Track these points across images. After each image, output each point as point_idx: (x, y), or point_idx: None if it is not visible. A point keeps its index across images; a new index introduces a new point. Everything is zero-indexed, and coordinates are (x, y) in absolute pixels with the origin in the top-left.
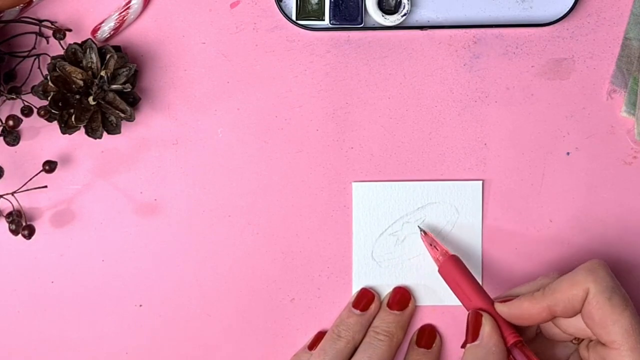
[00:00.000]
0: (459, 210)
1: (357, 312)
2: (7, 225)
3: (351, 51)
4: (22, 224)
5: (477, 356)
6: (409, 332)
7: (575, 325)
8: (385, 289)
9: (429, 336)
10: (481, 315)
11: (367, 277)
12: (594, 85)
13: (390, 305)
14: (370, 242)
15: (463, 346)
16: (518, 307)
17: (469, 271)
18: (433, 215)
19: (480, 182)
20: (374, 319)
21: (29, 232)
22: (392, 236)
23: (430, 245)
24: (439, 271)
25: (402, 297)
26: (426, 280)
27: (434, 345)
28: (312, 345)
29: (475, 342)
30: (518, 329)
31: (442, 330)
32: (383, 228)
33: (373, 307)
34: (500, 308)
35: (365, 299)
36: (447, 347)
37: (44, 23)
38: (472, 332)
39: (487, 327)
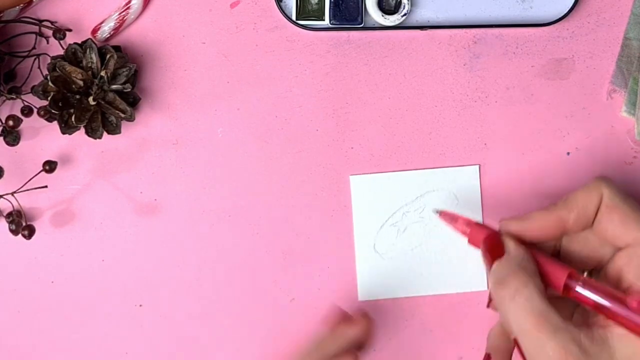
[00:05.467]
0: (458, 197)
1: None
2: (7, 225)
3: (351, 51)
4: (22, 224)
5: (504, 271)
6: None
7: (585, 249)
8: (389, 281)
9: None
10: (499, 234)
11: (371, 270)
12: (594, 85)
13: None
14: (371, 234)
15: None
16: (528, 219)
17: (497, 233)
18: (432, 204)
19: (477, 166)
20: None
21: (29, 232)
22: (393, 227)
23: (452, 221)
24: (468, 242)
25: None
26: (430, 269)
27: None
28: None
29: (502, 259)
30: None
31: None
32: (383, 220)
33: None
34: (510, 223)
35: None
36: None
37: (44, 23)
38: (495, 250)
39: (510, 242)
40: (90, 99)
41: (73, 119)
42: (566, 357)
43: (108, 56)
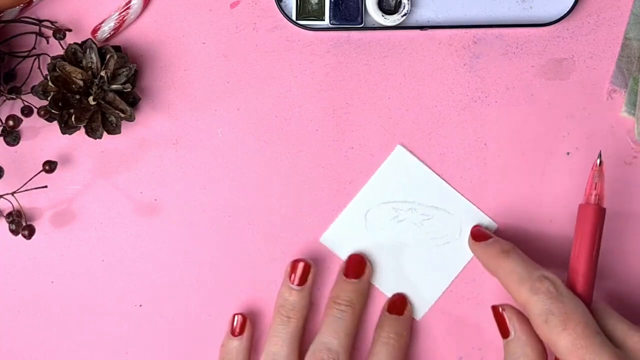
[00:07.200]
0: (462, 234)
1: (296, 287)
2: (7, 225)
3: (351, 51)
4: (22, 224)
5: (514, 350)
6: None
7: None
8: (356, 249)
9: (400, 303)
10: (503, 311)
11: (348, 231)
12: (594, 85)
13: (347, 274)
14: (372, 202)
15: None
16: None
17: (599, 233)
18: (438, 222)
19: (496, 225)
20: (312, 290)
21: (29, 232)
22: (394, 210)
23: (594, 179)
24: (579, 207)
25: (357, 265)
26: (395, 266)
27: (405, 311)
28: (237, 331)
29: (509, 337)
30: None
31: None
32: (391, 199)
33: (311, 277)
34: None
35: (302, 272)
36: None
37: (44, 23)
38: (502, 328)
39: (515, 322)
40: (90, 99)
41: (73, 119)
42: None
43: (108, 56)
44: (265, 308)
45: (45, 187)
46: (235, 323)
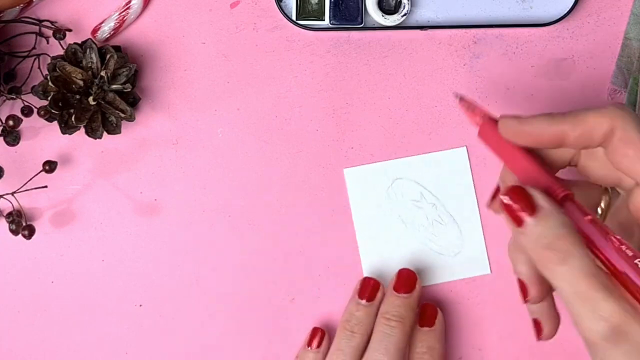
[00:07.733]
0: (455, 257)
1: (364, 302)
2: (7, 225)
3: (351, 51)
4: (22, 224)
5: (547, 232)
6: None
7: (604, 167)
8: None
9: (430, 315)
10: (523, 190)
11: (370, 181)
12: (594, 85)
13: (396, 289)
14: (407, 174)
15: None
16: (531, 123)
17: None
18: (446, 232)
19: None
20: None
21: (29, 232)
22: (420, 194)
23: (468, 109)
24: (478, 135)
25: (407, 279)
26: (391, 242)
27: (436, 322)
28: (311, 342)
29: (537, 216)
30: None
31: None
32: (424, 184)
33: (379, 295)
34: (508, 121)
35: (370, 287)
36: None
37: (44, 23)
38: (528, 206)
39: (541, 199)
40: (90, 99)
41: (73, 119)
42: (624, 315)
43: (108, 56)
44: (264, 306)
45: (45, 187)
46: (313, 336)
